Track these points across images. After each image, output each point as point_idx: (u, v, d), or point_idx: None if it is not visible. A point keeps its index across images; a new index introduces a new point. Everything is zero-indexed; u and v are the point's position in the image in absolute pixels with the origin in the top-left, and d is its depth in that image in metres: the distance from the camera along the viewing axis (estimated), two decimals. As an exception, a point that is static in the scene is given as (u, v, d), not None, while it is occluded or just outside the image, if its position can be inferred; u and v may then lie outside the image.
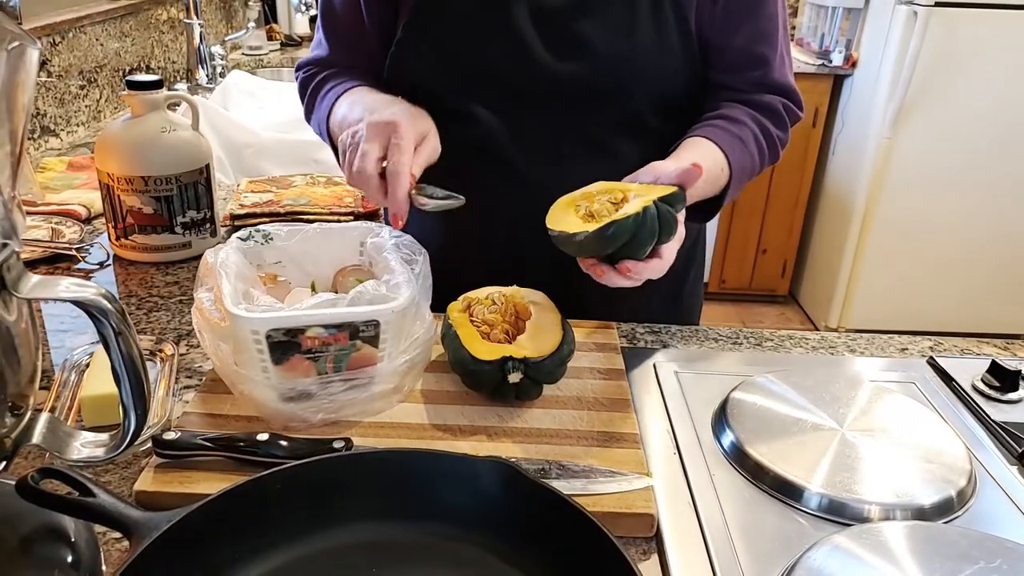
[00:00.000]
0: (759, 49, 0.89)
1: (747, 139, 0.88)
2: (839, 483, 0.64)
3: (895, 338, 0.92)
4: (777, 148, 0.93)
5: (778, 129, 0.92)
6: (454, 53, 0.87)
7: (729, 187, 0.87)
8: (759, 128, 0.90)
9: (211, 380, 0.74)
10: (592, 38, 0.84)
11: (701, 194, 0.85)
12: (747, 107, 0.90)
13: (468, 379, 0.72)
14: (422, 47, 0.88)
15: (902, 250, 2.92)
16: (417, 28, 0.88)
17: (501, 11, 0.84)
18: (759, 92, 0.91)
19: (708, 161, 0.83)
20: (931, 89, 2.64)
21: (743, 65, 0.90)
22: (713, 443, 0.71)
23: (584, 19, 0.84)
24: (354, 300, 0.67)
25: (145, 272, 1.02)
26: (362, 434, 0.68)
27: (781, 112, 0.92)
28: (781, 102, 0.91)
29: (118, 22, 1.78)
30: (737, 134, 0.88)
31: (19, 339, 0.45)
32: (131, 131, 0.99)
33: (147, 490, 0.60)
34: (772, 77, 0.91)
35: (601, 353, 0.81)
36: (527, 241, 0.91)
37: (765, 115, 0.90)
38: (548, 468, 0.63)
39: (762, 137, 0.90)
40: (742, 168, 0.87)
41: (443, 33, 0.87)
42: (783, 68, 0.92)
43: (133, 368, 0.47)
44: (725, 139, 0.87)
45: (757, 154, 0.90)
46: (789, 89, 0.92)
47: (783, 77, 0.92)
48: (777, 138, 0.92)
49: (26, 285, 0.43)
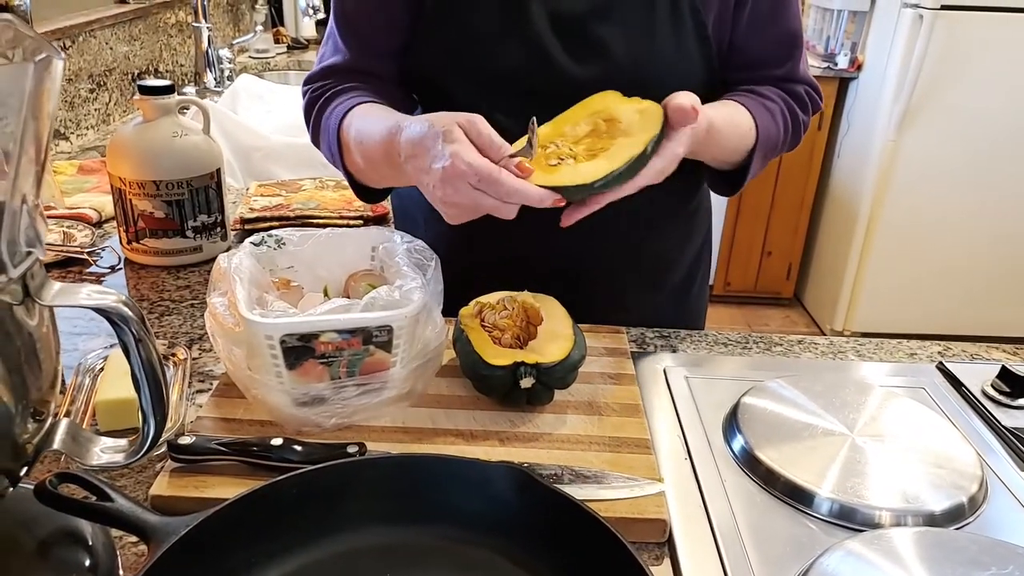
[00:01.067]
0: (784, 48, 0.93)
1: (774, 110, 0.91)
2: (850, 488, 0.64)
3: (904, 343, 0.92)
4: (800, 130, 0.95)
5: (803, 112, 0.95)
6: (470, 56, 0.86)
7: (755, 152, 0.88)
8: (785, 105, 0.92)
9: (224, 384, 0.74)
10: (611, 42, 0.84)
11: (730, 148, 0.87)
12: (778, 90, 0.93)
13: (480, 384, 0.73)
14: (438, 49, 0.87)
15: (907, 253, 2.91)
16: (433, 30, 0.87)
17: (519, 14, 0.84)
18: (786, 84, 0.94)
19: (736, 116, 0.86)
20: (936, 92, 2.64)
21: (769, 63, 0.93)
22: (724, 448, 0.72)
23: (603, 23, 0.84)
24: (368, 305, 0.68)
25: (156, 276, 1.02)
26: (375, 438, 0.68)
27: (804, 98, 0.95)
28: (804, 89, 0.95)
29: (127, 26, 1.79)
30: (764, 104, 0.90)
31: (40, 344, 0.46)
32: (143, 135, 1.00)
33: (163, 494, 0.61)
34: (796, 73, 0.94)
35: (611, 358, 0.81)
36: (536, 245, 0.92)
37: (792, 96, 0.94)
38: (560, 473, 0.64)
39: (787, 113, 0.92)
40: (768, 135, 0.89)
41: (460, 35, 0.86)
42: (805, 64, 0.95)
43: (153, 374, 0.47)
44: (753, 104, 0.89)
45: (783, 126, 0.92)
46: (811, 82, 0.96)
47: (805, 72, 0.95)
48: (802, 120, 0.94)
49: (49, 292, 0.44)
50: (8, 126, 0.41)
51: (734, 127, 0.86)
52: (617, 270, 0.98)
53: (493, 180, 0.65)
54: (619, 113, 0.75)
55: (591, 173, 0.69)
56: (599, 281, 0.97)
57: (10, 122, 0.40)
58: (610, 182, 0.69)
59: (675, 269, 1.04)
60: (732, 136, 0.86)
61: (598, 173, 0.68)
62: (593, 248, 0.95)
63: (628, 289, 0.99)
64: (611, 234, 0.95)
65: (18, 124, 0.37)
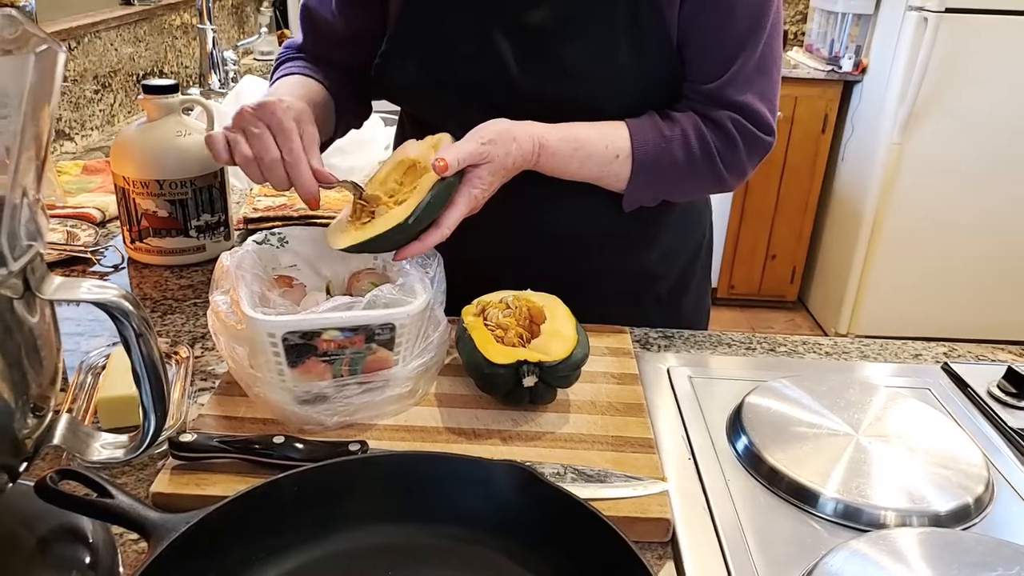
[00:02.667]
0: (716, 61, 0.85)
1: (671, 137, 0.85)
2: (854, 489, 0.64)
3: (908, 344, 0.92)
4: (715, 162, 0.86)
5: (721, 144, 0.86)
6: (434, 69, 0.89)
7: (633, 176, 0.85)
8: (695, 132, 0.85)
9: (226, 383, 0.74)
10: (568, 59, 0.84)
11: (574, 169, 0.84)
12: (694, 113, 0.87)
13: (482, 382, 0.72)
14: (406, 62, 0.90)
15: (912, 256, 2.91)
16: (401, 43, 0.90)
17: (482, 29, 0.85)
18: (709, 104, 0.87)
19: (583, 136, 0.83)
20: (941, 95, 2.64)
21: (694, 73, 0.86)
22: (728, 448, 0.71)
23: (563, 40, 0.84)
24: (370, 303, 0.68)
25: (159, 275, 1.02)
26: (377, 437, 0.68)
27: (728, 127, 0.85)
28: (730, 116, 0.86)
29: (132, 27, 1.80)
30: (658, 125, 0.85)
31: (41, 340, 0.46)
32: (147, 135, 1.00)
33: (163, 492, 0.60)
34: (724, 94, 0.85)
35: (614, 358, 0.81)
36: (510, 251, 0.94)
37: (708, 125, 0.86)
38: (563, 472, 0.63)
39: (696, 142, 0.85)
40: (651, 161, 0.84)
41: (425, 49, 0.89)
42: (752, 92, 0.86)
43: (154, 370, 0.47)
44: (640, 127, 0.85)
45: (683, 155, 0.85)
46: (748, 109, 0.86)
47: (746, 99, 0.86)
48: (717, 152, 0.86)
49: (49, 287, 0.44)
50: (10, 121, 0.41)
51: (574, 148, 0.83)
52: (596, 286, 0.97)
53: (284, 129, 0.75)
54: (420, 156, 0.79)
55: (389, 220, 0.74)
56: (586, 284, 0.93)
57: (11, 116, 0.40)
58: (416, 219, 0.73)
59: (659, 283, 1.03)
60: (572, 157, 0.83)
61: (391, 221, 0.73)
62: (570, 265, 0.96)
63: (611, 303, 0.98)
64: (583, 254, 0.97)
65: (19, 117, 0.37)
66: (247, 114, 0.76)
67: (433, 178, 0.73)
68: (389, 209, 0.76)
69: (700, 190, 0.94)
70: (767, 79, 0.87)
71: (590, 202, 0.92)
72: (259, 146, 0.75)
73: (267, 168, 0.75)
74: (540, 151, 0.81)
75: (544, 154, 0.82)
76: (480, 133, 0.77)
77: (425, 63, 0.89)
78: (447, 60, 0.88)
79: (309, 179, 0.75)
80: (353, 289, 0.81)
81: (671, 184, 0.89)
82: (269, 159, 0.75)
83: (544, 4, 0.84)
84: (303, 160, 0.75)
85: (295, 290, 0.76)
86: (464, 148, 0.75)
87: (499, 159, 0.77)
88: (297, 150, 0.75)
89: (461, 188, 0.76)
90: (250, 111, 0.76)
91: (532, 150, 0.81)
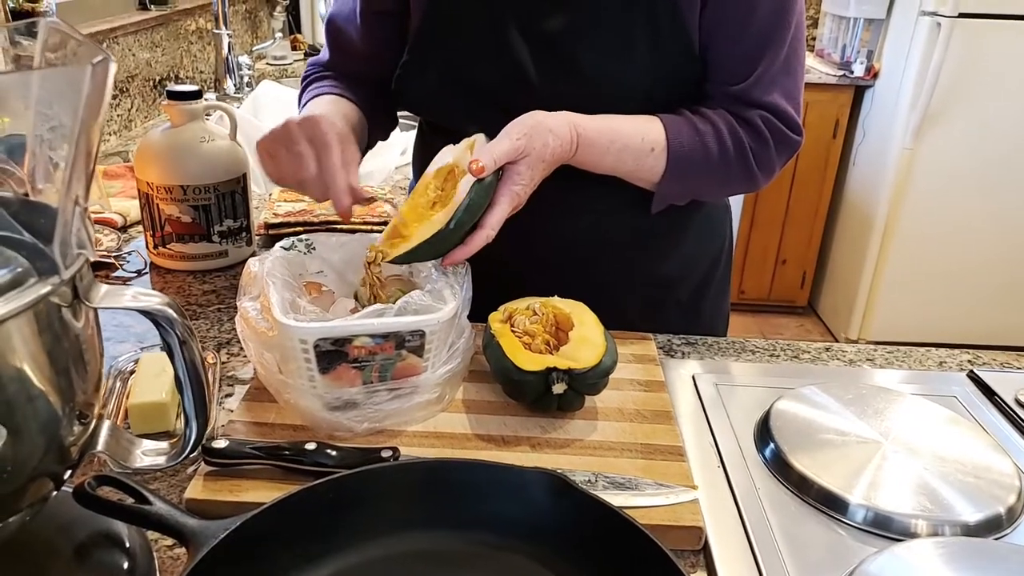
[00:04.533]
0: (742, 62, 0.85)
1: (705, 131, 0.84)
2: (884, 497, 0.64)
3: (932, 351, 0.91)
4: (748, 159, 0.86)
5: (754, 142, 0.86)
6: (455, 77, 0.90)
7: (668, 171, 0.84)
8: (728, 129, 0.85)
9: (255, 388, 0.74)
10: (585, 62, 0.84)
11: (610, 162, 0.83)
12: (726, 111, 0.87)
13: (511, 389, 0.73)
14: (426, 71, 0.91)
15: (924, 261, 2.90)
16: (421, 53, 0.91)
17: (500, 36, 0.86)
18: (738, 105, 0.86)
19: (621, 128, 0.82)
20: (954, 100, 2.63)
21: (721, 75, 0.86)
22: (756, 455, 0.71)
23: (577, 43, 0.84)
24: (401, 310, 0.68)
25: (182, 280, 1.03)
26: (406, 443, 0.68)
27: (759, 126, 0.86)
28: (760, 115, 0.86)
29: (149, 33, 1.81)
30: (692, 122, 0.85)
31: (86, 346, 0.46)
32: (171, 140, 1.01)
33: (197, 498, 0.61)
34: (752, 94, 0.85)
35: (640, 364, 0.81)
36: (532, 256, 0.93)
37: (740, 124, 0.86)
38: (595, 480, 0.63)
39: (729, 138, 0.85)
40: (683, 153, 0.84)
41: (445, 58, 0.90)
42: (778, 91, 0.86)
43: (196, 376, 0.47)
44: (674, 121, 0.85)
45: (718, 149, 0.84)
46: (776, 109, 0.86)
47: (773, 99, 0.86)
48: (750, 148, 0.86)
49: (96, 294, 0.44)
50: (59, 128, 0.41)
51: (611, 140, 0.82)
52: (616, 291, 0.97)
53: (327, 144, 0.77)
54: (457, 161, 0.79)
55: (430, 227, 0.74)
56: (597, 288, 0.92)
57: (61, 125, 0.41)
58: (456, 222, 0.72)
59: (680, 288, 1.03)
60: (609, 148, 0.82)
61: (432, 229, 0.73)
62: (591, 270, 0.96)
63: (631, 307, 0.98)
64: (604, 259, 0.96)
65: (74, 127, 0.37)
66: (293, 128, 0.78)
67: (470, 180, 0.73)
68: (430, 217, 0.76)
69: (731, 188, 0.93)
70: (792, 78, 0.88)
71: (613, 207, 0.92)
72: (300, 162, 0.77)
73: (307, 182, 0.78)
74: (578, 140, 0.80)
75: (582, 143, 0.80)
76: (514, 129, 0.77)
77: (443, 71, 0.90)
78: (465, 67, 0.89)
79: (344, 195, 0.78)
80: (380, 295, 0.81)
81: (704, 180, 0.88)
82: (308, 175, 0.77)
83: (561, 10, 0.84)
84: (340, 176, 0.77)
85: (324, 296, 0.77)
86: (499, 147, 0.75)
87: (536, 152, 0.77)
88: (335, 166, 0.77)
89: (501, 187, 0.76)
90: (295, 125, 0.78)
91: (570, 139, 0.79)
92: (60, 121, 0.42)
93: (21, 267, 0.38)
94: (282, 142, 0.78)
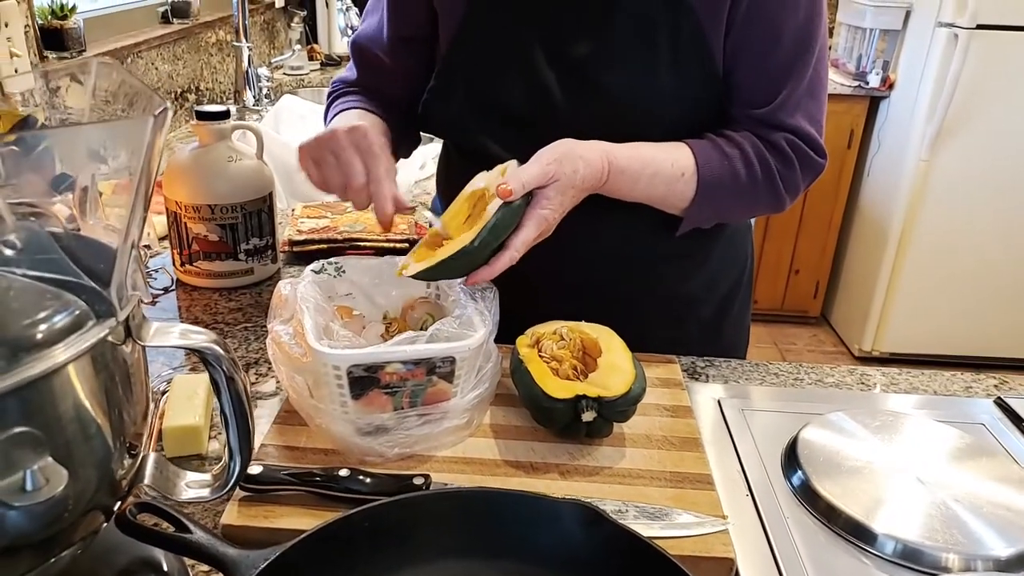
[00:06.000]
0: (767, 85, 0.85)
1: (732, 155, 0.85)
2: (914, 529, 0.64)
3: (958, 376, 0.91)
4: (776, 181, 0.87)
5: (781, 164, 0.86)
6: (481, 102, 0.91)
7: (697, 195, 0.85)
8: (755, 152, 0.86)
9: (286, 412, 0.75)
10: (611, 83, 0.85)
11: (643, 189, 0.84)
12: (751, 134, 0.87)
13: (539, 416, 0.73)
14: (452, 96, 0.92)
15: (939, 273, 2.88)
16: (448, 78, 0.92)
17: (525, 59, 0.87)
18: (763, 128, 0.87)
19: (652, 155, 0.83)
20: (971, 112, 2.62)
21: (746, 98, 0.87)
22: (784, 482, 0.71)
23: (604, 65, 0.85)
24: (432, 337, 0.69)
25: (208, 298, 1.04)
26: (436, 469, 0.69)
27: (785, 148, 0.86)
28: (785, 138, 0.86)
29: (171, 46, 1.83)
30: (719, 145, 0.86)
31: (135, 378, 0.47)
32: (199, 160, 1.02)
33: (233, 524, 0.61)
34: (777, 117, 0.86)
35: (666, 389, 0.81)
36: (554, 275, 0.94)
37: (767, 147, 0.86)
38: (625, 509, 0.64)
39: (756, 161, 0.85)
40: (716, 180, 0.84)
41: (471, 82, 0.91)
42: (802, 114, 0.86)
43: (242, 411, 0.48)
44: (702, 146, 0.85)
45: (746, 174, 0.85)
46: (802, 132, 0.86)
47: (798, 122, 0.86)
48: (777, 171, 0.86)
49: (147, 333, 0.45)
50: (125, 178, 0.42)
51: (642, 166, 0.83)
52: (638, 309, 0.97)
53: (374, 154, 0.80)
54: (489, 185, 0.80)
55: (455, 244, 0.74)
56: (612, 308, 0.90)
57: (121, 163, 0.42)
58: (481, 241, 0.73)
59: (703, 307, 1.03)
60: (641, 175, 0.82)
61: (457, 246, 0.74)
62: (613, 289, 0.97)
63: (652, 326, 0.97)
64: (626, 278, 0.97)
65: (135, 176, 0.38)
66: (341, 137, 0.80)
67: (499, 203, 0.73)
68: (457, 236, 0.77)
69: (757, 211, 0.94)
70: (816, 102, 0.88)
71: (636, 226, 0.93)
72: (349, 171, 0.80)
73: (353, 190, 0.81)
74: (610, 168, 0.81)
75: (614, 171, 0.81)
76: (544, 155, 0.78)
77: (470, 96, 0.91)
78: (492, 92, 0.90)
79: (389, 204, 0.80)
80: (408, 317, 0.82)
81: (732, 203, 0.89)
82: (357, 184, 0.80)
83: (587, 35, 0.85)
84: (385, 185, 0.80)
85: (354, 321, 0.78)
86: (528, 171, 0.76)
87: (566, 178, 0.77)
88: (381, 176, 0.80)
89: (529, 211, 0.76)
90: (344, 133, 0.80)
91: (601, 167, 0.80)
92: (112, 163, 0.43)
93: (80, 310, 0.39)
94: (329, 149, 0.80)
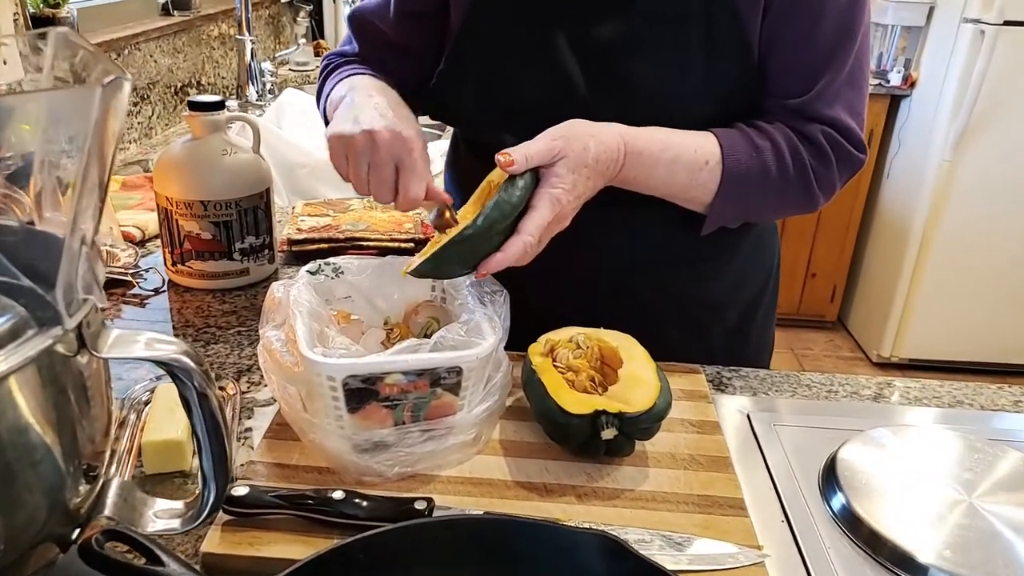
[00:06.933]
0: (802, 76, 0.79)
1: (763, 147, 0.78)
2: (969, 561, 0.57)
3: (1006, 389, 0.85)
4: (809, 178, 0.80)
5: (815, 159, 0.80)
6: (494, 88, 0.84)
7: (722, 188, 0.78)
8: (788, 144, 0.79)
9: (277, 424, 0.69)
10: (638, 74, 0.78)
11: (662, 178, 0.77)
12: (785, 126, 0.81)
13: (554, 432, 0.67)
14: (464, 81, 0.86)
15: (962, 277, 2.80)
16: (459, 60, 0.85)
17: (544, 42, 0.80)
18: (798, 120, 0.80)
19: (677, 142, 0.76)
20: (997, 111, 2.54)
21: (780, 89, 0.80)
22: (822, 506, 0.65)
23: (631, 55, 0.78)
24: (437, 345, 0.62)
25: (201, 300, 0.98)
26: (441, 490, 0.63)
27: (821, 142, 0.79)
28: (822, 130, 0.80)
29: (171, 38, 1.77)
30: (748, 135, 0.79)
31: (93, 393, 0.41)
32: (192, 154, 0.96)
33: (215, 552, 0.55)
34: (812, 109, 0.79)
35: (691, 402, 0.75)
36: (573, 279, 0.88)
37: (801, 140, 0.80)
38: (650, 539, 0.58)
39: (789, 155, 0.79)
40: (743, 171, 0.78)
41: (484, 66, 0.84)
42: (840, 105, 0.80)
43: (216, 433, 0.42)
44: (729, 135, 0.79)
45: (776, 167, 0.78)
46: (839, 124, 0.80)
47: (834, 114, 0.80)
48: (811, 167, 0.80)
49: (105, 343, 0.39)
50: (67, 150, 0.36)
51: (662, 149, 0.76)
52: (661, 315, 0.91)
53: (409, 148, 0.72)
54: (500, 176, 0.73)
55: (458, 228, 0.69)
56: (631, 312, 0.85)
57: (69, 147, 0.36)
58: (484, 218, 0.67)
59: (728, 312, 0.96)
60: (660, 159, 0.76)
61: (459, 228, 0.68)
62: (635, 294, 0.90)
63: (676, 332, 0.91)
64: (648, 283, 0.90)
65: (82, 156, 0.32)
66: (382, 145, 0.72)
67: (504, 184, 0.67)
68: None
69: (787, 210, 0.87)
70: (857, 92, 0.81)
71: (659, 227, 0.87)
72: (381, 186, 0.73)
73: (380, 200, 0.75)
74: (626, 149, 0.74)
75: (630, 153, 0.74)
76: (551, 131, 0.72)
77: (483, 81, 0.85)
78: (507, 77, 0.84)
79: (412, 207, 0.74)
80: (410, 322, 0.76)
81: (760, 199, 0.81)
82: (387, 200, 0.74)
83: (615, 18, 0.78)
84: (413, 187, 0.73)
85: (352, 326, 0.71)
86: (533, 145, 0.70)
87: (575, 154, 0.70)
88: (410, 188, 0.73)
89: (539, 190, 0.70)
90: (385, 141, 0.72)
91: (617, 148, 0.73)
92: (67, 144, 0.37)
93: (18, 317, 0.33)
94: (367, 158, 0.72)
